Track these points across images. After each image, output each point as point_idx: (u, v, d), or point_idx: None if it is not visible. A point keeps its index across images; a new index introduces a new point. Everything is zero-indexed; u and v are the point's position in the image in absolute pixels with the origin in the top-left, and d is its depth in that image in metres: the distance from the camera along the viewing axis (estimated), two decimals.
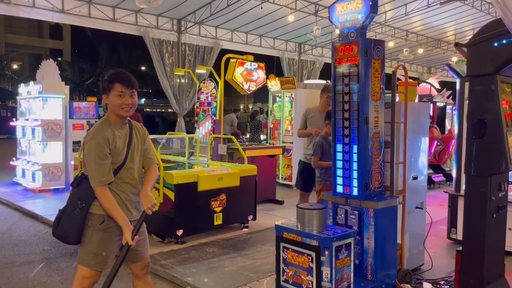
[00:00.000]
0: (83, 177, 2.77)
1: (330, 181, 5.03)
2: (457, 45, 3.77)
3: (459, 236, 5.18)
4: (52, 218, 6.53)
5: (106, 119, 2.80)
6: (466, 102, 5.18)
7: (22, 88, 9.68)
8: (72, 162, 7.99)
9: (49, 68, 9.20)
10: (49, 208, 7.28)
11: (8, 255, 5.13)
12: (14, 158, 9.91)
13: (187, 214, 5.40)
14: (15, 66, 35.13)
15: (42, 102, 8.72)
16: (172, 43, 13.08)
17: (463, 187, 5.08)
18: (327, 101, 5.55)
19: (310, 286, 3.28)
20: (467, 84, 5.16)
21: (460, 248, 3.66)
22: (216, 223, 5.66)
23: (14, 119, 10.16)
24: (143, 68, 31.88)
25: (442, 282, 4.05)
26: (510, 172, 3.67)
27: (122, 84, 2.70)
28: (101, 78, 2.78)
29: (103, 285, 2.69)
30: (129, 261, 2.93)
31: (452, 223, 5.44)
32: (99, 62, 31.95)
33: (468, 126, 3.57)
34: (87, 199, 2.69)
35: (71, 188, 2.88)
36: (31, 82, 9.28)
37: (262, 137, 10.91)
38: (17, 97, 10.10)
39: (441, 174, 10.06)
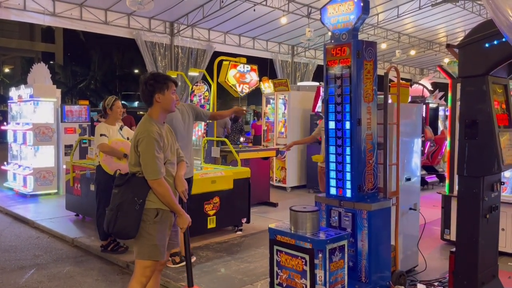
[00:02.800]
0: (131, 175, 2.96)
1: None
2: (448, 46, 3.78)
3: (453, 237, 5.19)
4: (44, 224, 6.50)
5: (148, 117, 3.01)
6: (458, 103, 5.19)
7: (13, 92, 9.60)
8: (64, 166, 7.91)
9: (40, 72, 9.13)
10: (40, 213, 7.20)
11: None
12: (5, 163, 9.81)
13: None
14: (6, 70, 34.85)
15: (33, 105, 8.64)
16: (165, 45, 13.03)
17: (456, 187, 5.11)
18: None
19: None
20: (459, 85, 5.18)
21: (453, 249, 3.66)
22: (209, 226, 5.63)
23: (5, 123, 10.06)
24: (136, 71, 31.74)
25: (436, 284, 4.05)
26: (502, 173, 3.68)
27: (175, 84, 3.09)
28: (147, 81, 3.02)
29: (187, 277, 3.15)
30: None
31: (446, 224, 5.44)
32: (92, 65, 31.78)
33: (461, 127, 3.57)
34: (143, 195, 2.89)
35: (114, 187, 3.02)
36: (22, 86, 9.20)
37: (242, 139, 10.95)
38: (8, 101, 10.00)
39: (434, 175, 10.09)
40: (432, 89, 11.30)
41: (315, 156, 6.08)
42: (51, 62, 30.61)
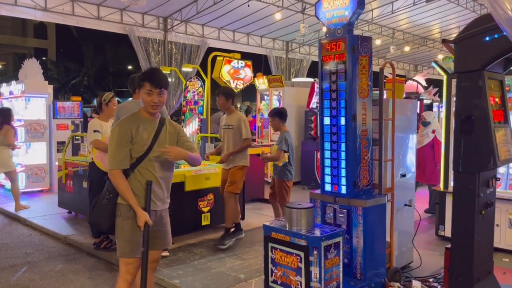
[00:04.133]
0: None
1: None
2: (444, 41, 3.75)
3: (448, 233, 5.19)
4: (36, 221, 6.43)
5: (137, 112, 2.99)
6: (453, 99, 5.18)
7: (4, 88, 9.48)
8: (57, 163, 7.84)
9: (31, 67, 9.02)
10: (32, 210, 7.12)
11: None
12: None
13: (174, 214, 5.29)
14: None
15: (25, 102, 8.54)
16: (158, 41, 12.95)
17: (451, 184, 5.10)
18: None
19: (299, 286, 3.23)
20: (454, 81, 5.17)
21: (448, 246, 3.64)
22: (203, 223, 5.59)
23: None
24: (129, 67, 31.55)
25: (431, 280, 4.04)
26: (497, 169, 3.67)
27: (151, 83, 2.87)
28: (138, 76, 3.03)
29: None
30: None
31: (440, 220, 5.44)
32: (85, 61, 31.54)
33: (456, 123, 3.54)
34: (113, 190, 2.86)
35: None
36: (13, 82, 9.09)
37: None
38: None
39: None
40: (426, 85, 11.31)
41: (212, 156, 5.76)
42: (44, 58, 30.34)
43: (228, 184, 5.11)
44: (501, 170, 5.03)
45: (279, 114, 5.41)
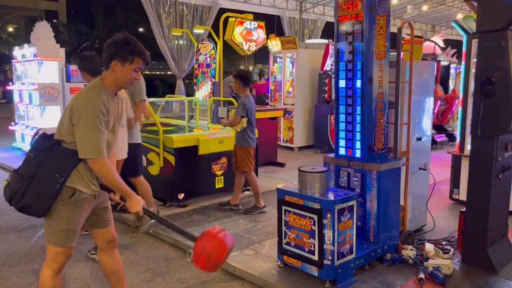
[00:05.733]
0: (56, 142, 2.46)
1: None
2: None
3: (462, 197, 5.18)
4: None
5: (101, 84, 2.49)
6: (473, 61, 5.02)
7: (17, 51, 9.46)
8: None
9: (43, 30, 8.93)
10: None
11: (10, 220, 5.15)
12: (12, 123, 9.82)
13: (188, 178, 5.37)
14: (10, 29, 34.40)
15: (37, 65, 8.53)
16: (169, 2, 12.68)
17: (467, 147, 5.03)
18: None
19: (313, 248, 3.28)
20: (474, 42, 4.99)
21: (463, 209, 3.63)
22: (217, 186, 5.64)
23: (10, 83, 9.99)
24: (140, 29, 31.19)
25: (444, 243, 4.05)
26: None
27: (144, 61, 2.52)
28: (116, 42, 2.45)
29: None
30: (92, 227, 2.75)
31: (455, 184, 5.41)
32: (96, 24, 31.23)
33: (476, 85, 3.45)
34: (65, 173, 2.42)
35: (32, 151, 2.50)
36: (26, 45, 9.05)
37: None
38: (12, 61, 9.89)
39: (444, 134, 9.99)
40: (444, 46, 10.98)
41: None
42: (55, 21, 30.08)
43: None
44: None
45: (241, 77, 5.08)
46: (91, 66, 4.06)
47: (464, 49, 5.21)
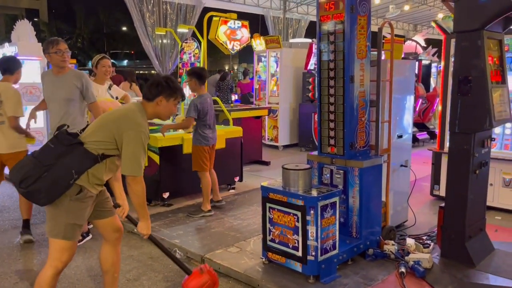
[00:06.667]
0: (79, 142, 2.63)
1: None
2: (444, 0, 3.68)
3: (442, 193, 5.29)
4: None
5: (143, 110, 2.79)
6: (451, 59, 5.14)
7: None
8: None
9: (24, 29, 8.81)
10: None
11: None
12: None
13: (172, 177, 5.38)
14: None
15: None
16: (153, 1, 12.61)
17: (447, 144, 5.15)
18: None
19: (296, 244, 3.33)
20: (453, 41, 5.11)
21: (442, 204, 3.72)
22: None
23: None
24: (124, 28, 30.93)
25: (425, 238, 4.15)
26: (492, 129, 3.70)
27: (182, 97, 2.96)
28: (168, 81, 2.86)
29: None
30: (96, 217, 2.86)
31: (435, 180, 5.53)
32: (78, 22, 30.82)
33: (454, 83, 3.54)
34: (81, 172, 2.58)
35: (54, 142, 2.61)
36: (6, 44, 8.92)
37: (233, 97, 10.74)
38: None
39: (425, 132, 10.16)
40: (425, 45, 11.17)
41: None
42: (36, 19, 29.60)
43: None
44: (497, 130, 5.07)
45: (196, 75, 4.94)
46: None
47: (443, 49, 5.33)
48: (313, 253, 3.26)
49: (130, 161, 2.62)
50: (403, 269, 3.43)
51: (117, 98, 5.00)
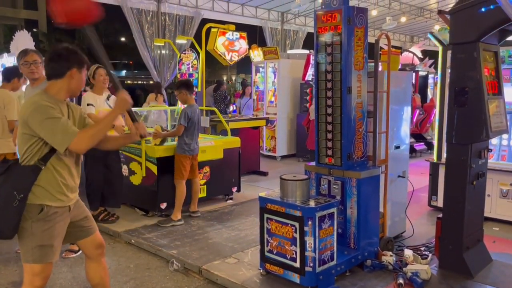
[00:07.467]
0: (12, 163, 2.50)
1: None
2: (440, 12, 3.74)
3: (440, 204, 5.29)
4: None
5: (40, 92, 2.50)
6: (448, 71, 5.18)
7: None
8: None
9: (23, 39, 8.85)
10: None
11: None
12: None
13: (170, 187, 5.37)
14: None
15: None
16: (152, 13, 12.69)
17: (444, 155, 5.16)
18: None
19: (294, 256, 3.32)
20: (449, 53, 5.15)
21: (440, 215, 3.73)
22: (200, 195, 5.65)
23: None
24: (122, 39, 31.08)
25: (422, 248, 4.14)
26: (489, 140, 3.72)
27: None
28: (73, 51, 2.59)
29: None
30: (76, 239, 2.75)
31: (433, 191, 5.53)
32: (76, 33, 30.94)
33: (450, 95, 3.57)
34: (24, 189, 2.41)
35: None
36: (5, 54, 8.96)
37: (231, 108, 10.73)
38: None
39: (423, 143, 10.20)
40: (422, 56, 11.25)
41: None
42: (35, 30, 29.71)
43: None
44: (494, 141, 5.09)
45: (185, 86, 5.07)
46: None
47: (439, 60, 5.38)
48: (311, 264, 3.25)
49: (56, 136, 2.38)
50: (401, 280, 3.42)
51: None
